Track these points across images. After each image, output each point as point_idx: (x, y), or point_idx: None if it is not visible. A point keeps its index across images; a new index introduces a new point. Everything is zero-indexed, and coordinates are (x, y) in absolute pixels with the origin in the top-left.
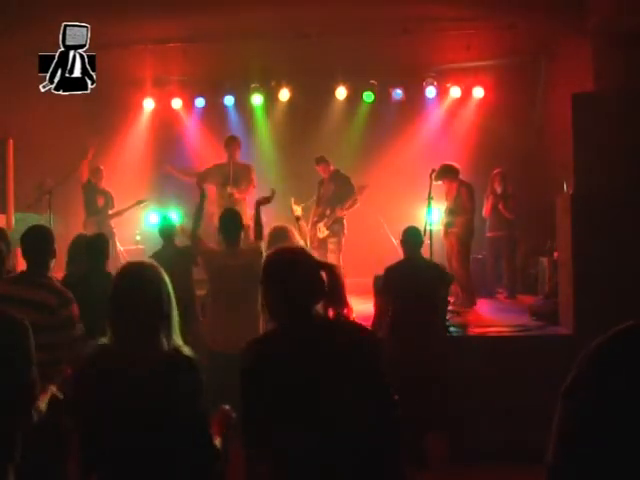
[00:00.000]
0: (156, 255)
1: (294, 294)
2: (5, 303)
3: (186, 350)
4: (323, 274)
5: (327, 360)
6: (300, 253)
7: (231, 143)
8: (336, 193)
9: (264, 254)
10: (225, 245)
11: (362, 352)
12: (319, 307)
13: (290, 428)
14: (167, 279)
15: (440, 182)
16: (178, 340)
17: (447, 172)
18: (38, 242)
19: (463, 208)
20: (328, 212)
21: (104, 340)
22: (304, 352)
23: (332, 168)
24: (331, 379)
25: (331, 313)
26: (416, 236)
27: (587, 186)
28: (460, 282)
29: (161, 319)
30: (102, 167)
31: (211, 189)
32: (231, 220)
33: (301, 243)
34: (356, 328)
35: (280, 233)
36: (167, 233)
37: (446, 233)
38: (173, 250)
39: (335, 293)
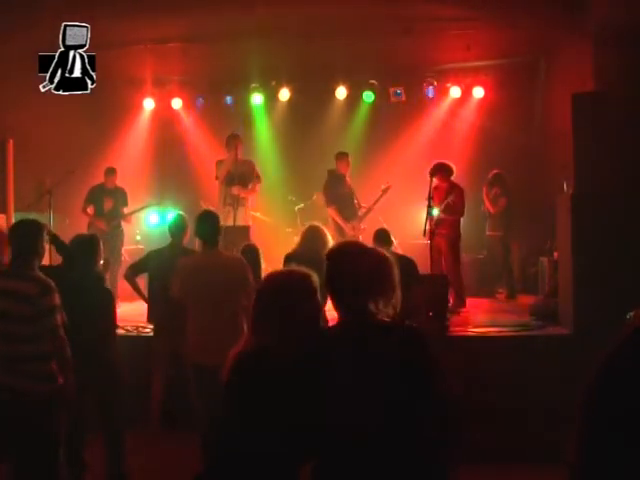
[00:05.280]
0: (159, 252)
1: (345, 289)
2: None
3: None
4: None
5: (375, 358)
6: (364, 247)
7: (233, 141)
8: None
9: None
10: (203, 248)
11: (410, 352)
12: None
13: (338, 427)
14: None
15: (434, 178)
16: None
17: (442, 170)
18: (25, 235)
19: (454, 209)
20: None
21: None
22: (354, 350)
23: None
24: (378, 378)
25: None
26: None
27: (587, 186)
28: (453, 284)
29: None
30: (115, 167)
31: (214, 186)
32: (209, 222)
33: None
34: (406, 328)
35: (314, 231)
36: (177, 232)
37: (433, 234)
38: (179, 250)
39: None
